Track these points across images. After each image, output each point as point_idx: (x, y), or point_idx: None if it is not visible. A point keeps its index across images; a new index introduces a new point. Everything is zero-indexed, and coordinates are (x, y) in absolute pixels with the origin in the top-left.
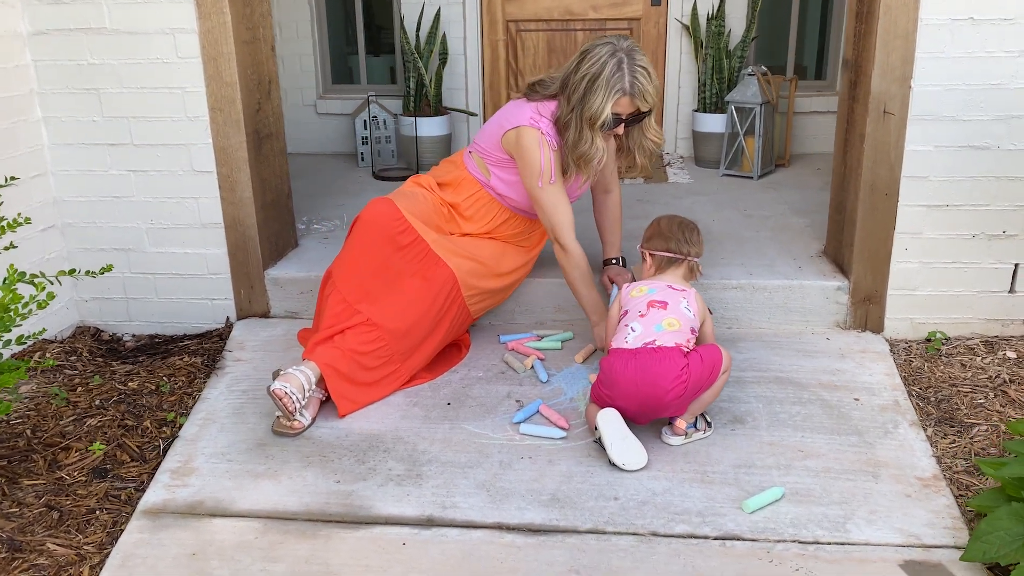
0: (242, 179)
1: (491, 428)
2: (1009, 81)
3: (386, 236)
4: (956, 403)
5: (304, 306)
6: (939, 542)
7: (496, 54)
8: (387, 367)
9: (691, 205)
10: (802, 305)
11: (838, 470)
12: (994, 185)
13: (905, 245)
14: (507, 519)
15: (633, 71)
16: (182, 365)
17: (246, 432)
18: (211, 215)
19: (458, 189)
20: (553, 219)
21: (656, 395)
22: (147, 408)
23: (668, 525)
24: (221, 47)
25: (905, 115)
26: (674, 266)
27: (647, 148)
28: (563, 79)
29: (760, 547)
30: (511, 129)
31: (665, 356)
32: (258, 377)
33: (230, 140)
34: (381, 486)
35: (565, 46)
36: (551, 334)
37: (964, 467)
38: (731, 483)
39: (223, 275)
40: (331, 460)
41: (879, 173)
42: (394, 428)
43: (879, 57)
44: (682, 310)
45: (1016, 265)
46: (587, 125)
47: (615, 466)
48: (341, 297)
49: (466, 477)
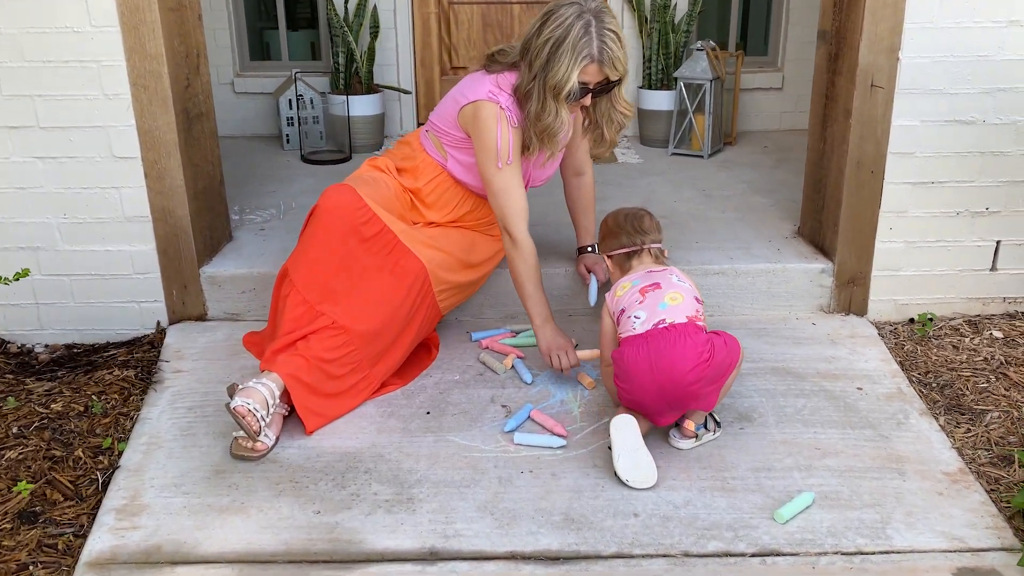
0: (171, 165)
1: (481, 439)
2: (996, 52)
3: (349, 227)
4: (960, 388)
5: (246, 306)
6: (986, 544)
7: (428, 28)
8: (356, 374)
9: (647, 186)
10: (786, 289)
11: (861, 468)
12: (979, 161)
13: (890, 224)
14: (521, 547)
15: (602, 35)
16: (112, 380)
17: (200, 457)
18: (136, 207)
19: (417, 174)
20: (505, 206)
21: (675, 380)
22: (77, 434)
23: (700, 543)
24: (144, 14)
25: (892, 88)
26: (636, 259)
27: (617, 121)
28: (524, 43)
29: (803, 562)
30: (467, 104)
31: (681, 334)
32: (204, 391)
33: (156, 121)
34: (369, 515)
35: (501, 20)
36: (526, 329)
37: (988, 458)
38: (754, 489)
39: (152, 274)
40: (306, 486)
41: (865, 150)
42: (371, 444)
43: (867, 28)
44: (676, 283)
45: (998, 242)
46: (551, 95)
47: (619, 479)
48: (301, 298)
49: (464, 498)
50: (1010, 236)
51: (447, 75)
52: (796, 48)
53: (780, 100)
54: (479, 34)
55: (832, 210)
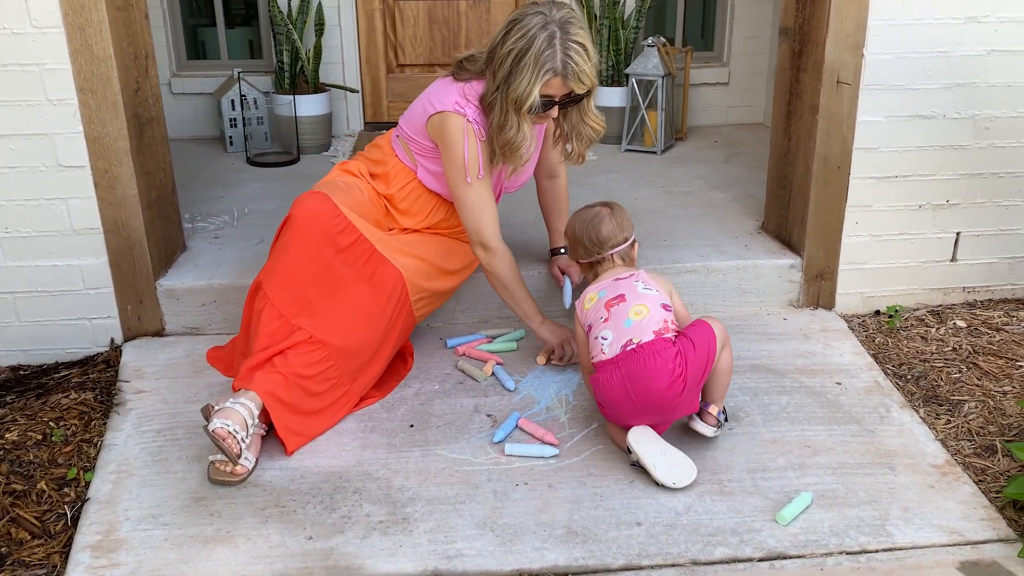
0: (123, 174)
1: (470, 451)
2: (955, 48)
3: (325, 237)
4: (934, 380)
5: (207, 320)
6: (983, 537)
7: (372, 24)
8: (335, 390)
9: (605, 183)
10: (756, 286)
11: (852, 465)
12: (939, 154)
13: (856, 219)
14: (527, 564)
15: (566, 47)
16: (70, 404)
17: (175, 484)
18: (85, 218)
19: (389, 180)
20: (477, 219)
21: (655, 399)
22: (37, 465)
23: (706, 550)
24: (90, 14)
25: (858, 85)
26: (600, 266)
27: (586, 135)
28: (489, 52)
29: (811, 564)
30: (435, 114)
31: (650, 354)
32: (171, 412)
33: (106, 127)
34: (364, 538)
35: (448, 16)
36: (502, 333)
37: (972, 450)
38: (751, 492)
39: (104, 289)
40: (293, 511)
41: (832, 146)
42: (357, 462)
43: (833, 25)
44: (641, 292)
45: (958, 234)
46: (512, 108)
47: (663, 487)
48: (276, 312)
49: (460, 515)
50: (969, 227)
51: (393, 73)
52: (741, 44)
53: (727, 95)
54: (425, 31)
55: (799, 206)
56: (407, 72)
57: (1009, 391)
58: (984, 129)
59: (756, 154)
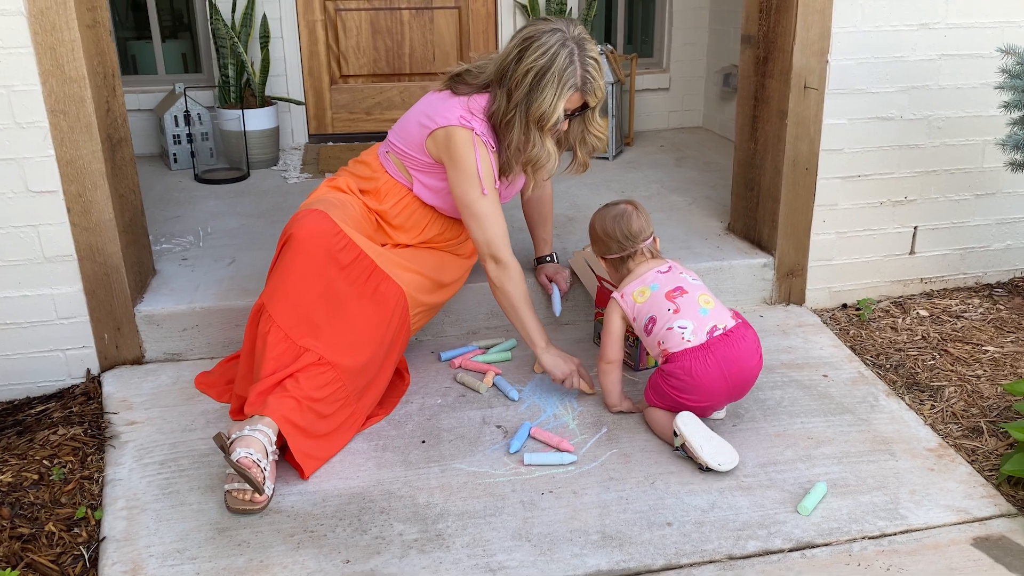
0: (98, 198)
1: (488, 464)
2: (910, 53)
3: (327, 255)
4: (912, 367)
5: (188, 345)
6: (988, 513)
7: (314, 36)
8: (344, 411)
9: (566, 190)
10: (732, 285)
11: (856, 453)
12: (897, 154)
13: (823, 217)
14: (571, 571)
15: (585, 64)
16: (60, 440)
17: (193, 516)
18: (58, 246)
19: (381, 196)
20: (489, 232)
21: (746, 377)
22: (40, 506)
23: (739, 545)
24: (61, 33)
25: (823, 89)
26: (632, 260)
27: (590, 144)
28: (500, 69)
29: (839, 551)
30: (438, 129)
31: (740, 336)
32: (171, 442)
33: (80, 150)
34: (402, 557)
35: (391, 26)
36: (494, 344)
37: (960, 432)
38: (768, 485)
39: (79, 318)
40: (323, 535)
41: (800, 148)
42: (376, 482)
43: (799, 33)
44: (692, 283)
45: (916, 228)
46: (535, 125)
47: (710, 470)
48: (283, 334)
49: (493, 528)
50: (925, 222)
51: (337, 84)
52: (680, 50)
53: (668, 100)
54: (368, 41)
55: (769, 207)
56: (351, 83)
57: (981, 375)
58: (937, 129)
59: (703, 157)
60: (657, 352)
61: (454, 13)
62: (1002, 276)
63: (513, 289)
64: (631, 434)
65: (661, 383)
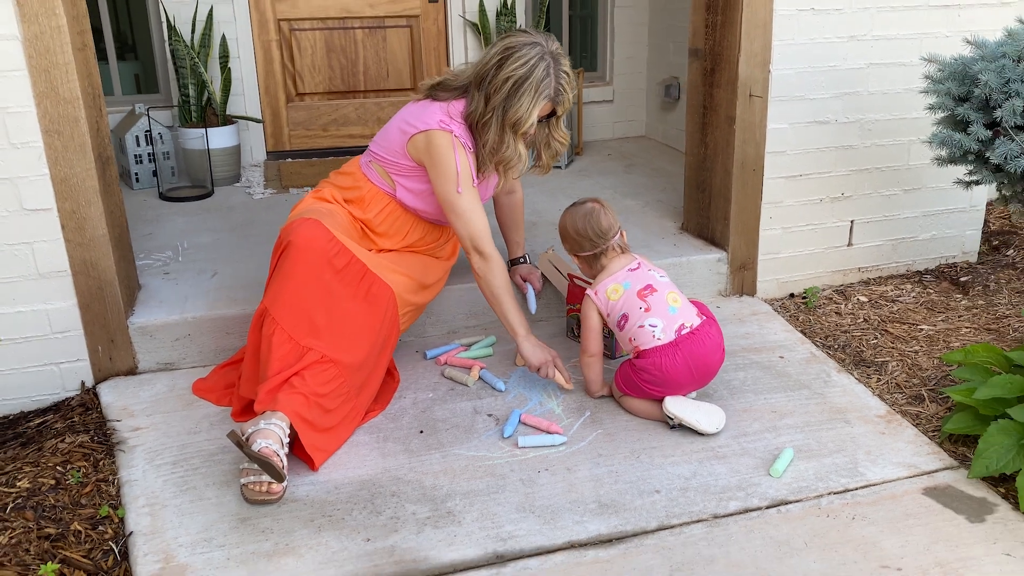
0: (92, 214)
1: (485, 448)
2: (841, 63)
3: (323, 260)
4: (857, 347)
5: (181, 354)
6: (934, 467)
7: (270, 55)
8: (345, 406)
9: (527, 196)
10: (691, 279)
11: (816, 423)
12: (834, 154)
13: (770, 214)
14: (574, 536)
15: (559, 77)
16: (69, 448)
17: (214, 509)
18: (52, 262)
19: (365, 204)
20: (471, 226)
21: (711, 370)
22: (62, 508)
23: (722, 505)
24: (55, 56)
25: (767, 97)
26: (604, 256)
27: (553, 148)
28: (479, 73)
29: (810, 505)
30: (418, 133)
31: (705, 334)
32: (179, 444)
33: (73, 168)
34: (419, 533)
35: (345, 45)
36: (475, 341)
37: (904, 400)
38: (741, 454)
39: (73, 332)
40: (341, 518)
41: (747, 151)
42: (383, 469)
43: (744, 45)
44: (661, 281)
45: (852, 222)
46: (510, 129)
47: (710, 435)
48: (286, 335)
49: (499, 504)
50: (860, 215)
51: (293, 102)
52: (622, 64)
53: (612, 112)
54: (323, 59)
55: (721, 206)
56: (307, 100)
57: (919, 350)
58: (868, 131)
59: (649, 164)
60: (629, 347)
61: (406, 32)
62: (929, 264)
63: (495, 280)
64: (612, 416)
65: (633, 376)
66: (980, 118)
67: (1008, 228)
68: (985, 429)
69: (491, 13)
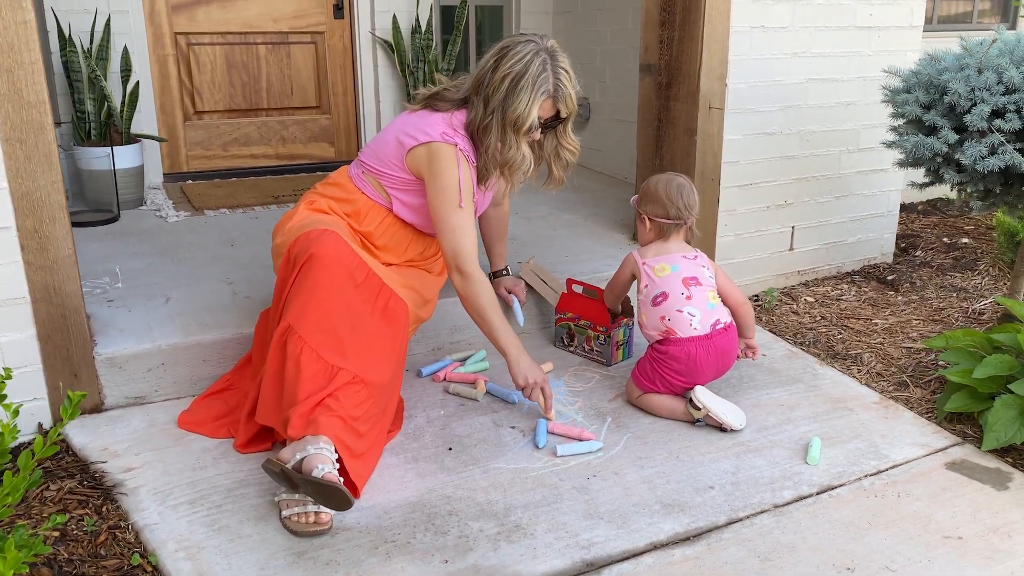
0: (57, 233)
1: (524, 460)
2: (786, 77)
3: (347, 274)
4: (827, 342)
5: (153, 386)
6: (943, 444)
7: (166, 71)
8: (374, 429)
9: None
10: None
11: (823, 413)
12: (779, 164)
13: (725, 222)
14: (655, 538)
15: (557, 72)
16: (59, 496)
17: (260, 547)
18: (7, 288)
19: (361, 218)
20: (459, 244)
21: (728, 365)
22: (80, 561)
23: (778, 495)
24: (21, 55)
25: (724, 109)
26: (674, 231)
27: (564, 159)
28: (477, 79)
29: (855, 488)
30: (419, 145)
31: (732, 333)
32: (187, 482)
33: (37, 182)
34: (495, 550)
35: (247, 61)
36: (466, 356)
37: (890, 387)
38: (771, 446)
39: (30, 368)
40: (407, 543)
41: (707, 162)
42: (427, 489)
43: (705, 60)
44: (708, 279)
45: (793, 227)
46: (511, 129)
47: (734, 431)
48: (315, 355)
49: (563, 513)
50: (800, 222)
51: (191, 120)
52: None
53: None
54: (224, 76)
55: None
56: (206, 119)
57: (884, 342)
58: (807, 142)
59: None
60: (657, 328)
61: (311, 48)
62: (855, 265)
63: (480, 300)
64: (634, 420)
65: (657, 365)
66: (947, 123)
67: (911, 232)
68: (982, 407)
69: (405, 31)
